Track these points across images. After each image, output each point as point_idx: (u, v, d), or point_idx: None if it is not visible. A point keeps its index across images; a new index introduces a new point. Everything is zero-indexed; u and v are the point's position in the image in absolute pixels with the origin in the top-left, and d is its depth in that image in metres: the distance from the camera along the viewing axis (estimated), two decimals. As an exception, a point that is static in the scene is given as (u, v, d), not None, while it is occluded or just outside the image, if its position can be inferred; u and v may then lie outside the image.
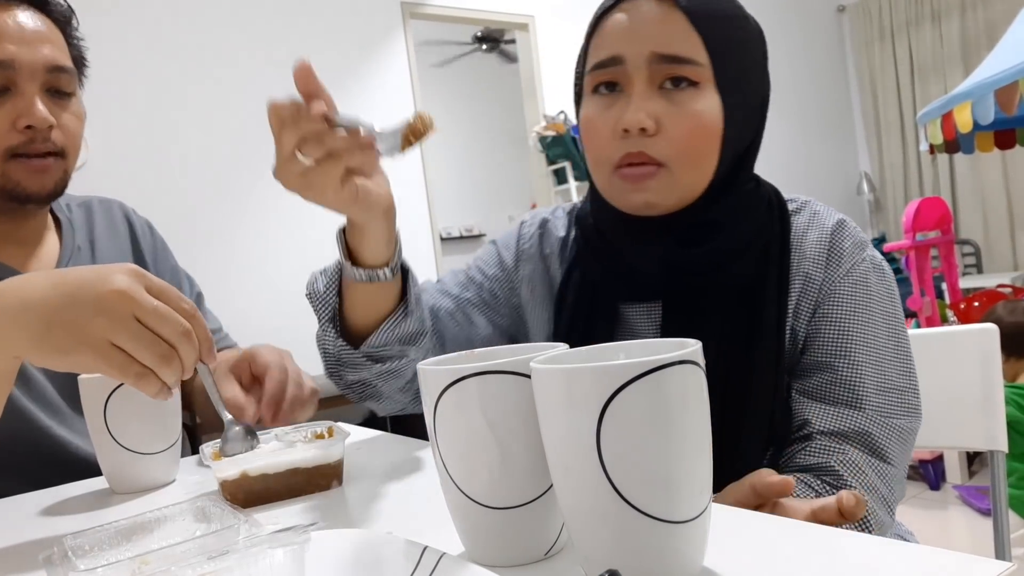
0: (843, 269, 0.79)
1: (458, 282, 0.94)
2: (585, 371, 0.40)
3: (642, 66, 0.76)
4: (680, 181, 0.77)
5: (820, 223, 0.82)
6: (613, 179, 0.79)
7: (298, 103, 0.62)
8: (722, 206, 0.81)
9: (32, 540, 0.67)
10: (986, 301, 3.00)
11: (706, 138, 0.77)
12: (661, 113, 0.75)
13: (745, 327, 0.78)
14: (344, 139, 0.64)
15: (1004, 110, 2.65)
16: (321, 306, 0.78)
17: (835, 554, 0.44)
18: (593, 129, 0.80)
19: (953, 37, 5.39)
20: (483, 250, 0.98)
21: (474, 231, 6.63)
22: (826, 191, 5.64)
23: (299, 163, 0.63)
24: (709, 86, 0.76)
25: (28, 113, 0.92)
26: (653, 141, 0.76)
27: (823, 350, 0.78)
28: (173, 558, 0.41)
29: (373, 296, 0.76)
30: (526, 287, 0.93)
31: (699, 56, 0.75)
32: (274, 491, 0.70)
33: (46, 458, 0.96)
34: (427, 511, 0.62)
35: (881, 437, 0.75)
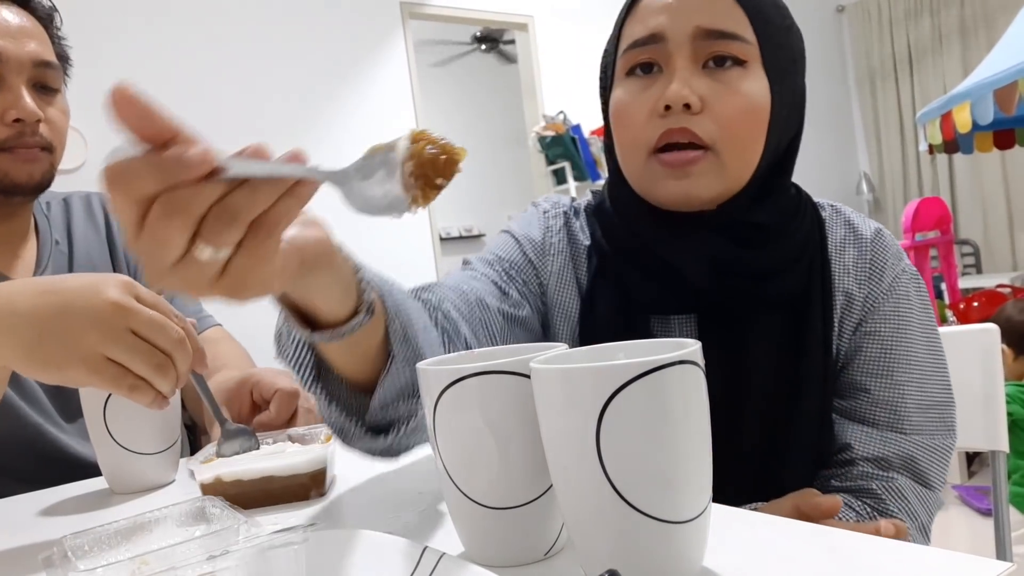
0: (885, 283, 0.76)
1: (476, 271, 0.78)
2: (585, 371, 0.40)
3: (685, 43, 0.70)
4: (727, 168, 0.71)
5: (858, 235, 0.78)
6: (650, 165, 0.72)
7: (163, 159, 0.36)
8: (768, 209, 0.74)
9: (32, 540, 0.67)
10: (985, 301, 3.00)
11: (755, 121, 0.71)
12: (706, 92, 0.69)
13: (791, 344, 0.73)
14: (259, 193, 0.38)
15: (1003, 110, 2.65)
16: (297, 367, 0.58)
17: (835, 554, 0.44)
18: (627, 112, 0.73)
19: (953, 37, 5.39)
20: (497, 242, 0.84)
21: (473, 231, 6.63)
22: (826, 191, 5.62)
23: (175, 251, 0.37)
24: (756, 66, 0.70)
25: (16, 106, 0.93)
26: (697, 120, 0.69)
27: (865, 369, 0.75)
28: (173, 558, 0.41)
29: (348, 351, 0.55)
30: (554, 284, 0.81)
31: (746, 33, 0.70)
32: (249, 497, 0.67)
33: (41, 458, 0.96)
34: (427, 511, 0.62)
35: (924, 461, 0.73)
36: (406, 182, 0.38)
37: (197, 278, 0.39)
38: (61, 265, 1.07)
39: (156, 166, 0.36)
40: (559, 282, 0.81)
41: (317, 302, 0.50)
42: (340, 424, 0.59)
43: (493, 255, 0.80)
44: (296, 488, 0.67)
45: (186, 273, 0.38)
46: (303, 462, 0.67)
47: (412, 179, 0.38)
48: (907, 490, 0.72)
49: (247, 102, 3.27)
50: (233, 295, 0.41)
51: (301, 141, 3.39)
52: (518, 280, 0.79)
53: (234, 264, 0.39)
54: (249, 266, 0.40)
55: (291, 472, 0.67)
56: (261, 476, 0.67)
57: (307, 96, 3.44)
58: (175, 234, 0.37)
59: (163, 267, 0.38)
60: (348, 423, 0.58)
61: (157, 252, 0.37)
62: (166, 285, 0.39)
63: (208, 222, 0.37)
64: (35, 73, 0.96)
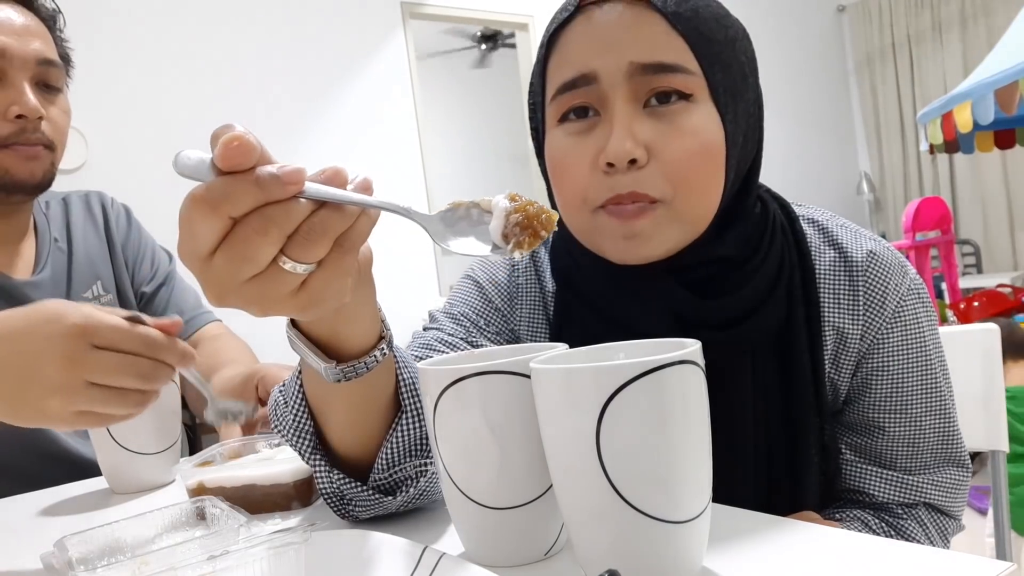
0: (888, 313, 0.68)
1: (454, 332, 0.73)
2: (585, 371, 0.40)
3: (620, 81, 0.61)
4: (682, 219, 0.63)
5: (849, 261, 0.69)
6: (596, 221, 0.64)
7: (267, 171, 0.38)
8: (730, 241, 0.67)
9: (32, 540, 0.67)
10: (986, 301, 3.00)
11: (709, 162, 0.62)
12: (651, 137, 0.61)
13: (778, 378, 0.68)
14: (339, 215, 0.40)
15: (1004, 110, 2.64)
16: (295, 436, 0.56)
17: (835, 554, 0.44)
18: (565, 166, 0.65)
19: (953, 37, 5.39)
20: (460, 290, 0.78)
21: (474, 231, 6.63)
22: (826, 191, 5.64)
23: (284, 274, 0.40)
24: (703, 98, 0.62)
25: (19, 102, 0.93)
26: (646, 175, 0.61)
27: (878, 406, 0.70)
28: (173, 558, 0.41)
29: (360, 400, 0.54)
30: (525, 327, 0.75)
31: (687, 63, 0.61)
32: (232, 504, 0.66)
33: (42, 458, 0.96)
34: (427, 511, 0.62)
35: (945, 499, 0.70)
36: (510, 231, 0.44)
37: (274, 293, 0.40)
38: (60, 263, 1.08)
39: (253, 184, 0.37)
40: (530, 325, 0.75)
41: (350, 326, 0.50)
42: (343, 491, 0.57)
43: (458, 310, 0.75)
44: (277, 497, 0.65)
45: (263, 288, 0.40)
46: (286, 472, 0.65)
47: (517, 228, 0.44)
48: (926, 518, 0.70)
49: (247, 102, 3.26)
50: (306, 308, 0.42)
51: (301, 141, 3.39)
52: (488, 332, 0.74)
53: (314, 278, 0.41)
54: (329, 280, 0.41)
55: (273, 481, 0.65)
56: (243, 484, 0.65)
57: (307, 96, 3.44)
58: (264, 249, 0.38)
59: (238, 283, 0.39)
60: (352, 487, 0.56)
61: (238, 268, 0.38)
62: (234, 301, 0.40)
63: (297, 238, 0.39)
64: (38, 71, 0.97)
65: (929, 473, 0.70)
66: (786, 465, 0.68)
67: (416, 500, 0.59)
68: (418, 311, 3.44)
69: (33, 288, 1.02)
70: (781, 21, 5.40)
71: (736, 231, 0.67)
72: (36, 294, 1.02)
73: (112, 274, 1.13)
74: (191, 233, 0.38)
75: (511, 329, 0.75)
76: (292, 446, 0.57)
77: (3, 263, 1.02)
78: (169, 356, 0.62)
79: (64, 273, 1.07)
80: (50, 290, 1.04)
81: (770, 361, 0.67)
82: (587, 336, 0.65)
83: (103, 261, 1.13)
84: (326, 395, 0.55)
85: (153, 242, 1.22)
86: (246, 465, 0.67)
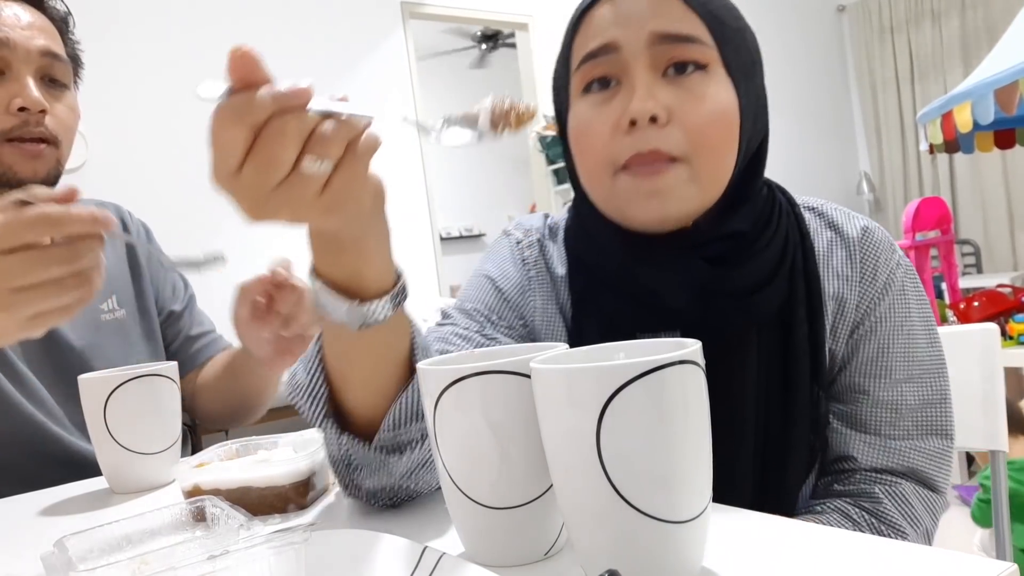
0: (880, 283, 0.73)
1: (466, 326, 0.76)
2: (585, 371, 0.40)
3: (641, 50, 0.66)
4: (701, 180, 0.66)
5: (845, 237, 0.74)
6: (619, 183, 0.67)
7: (274, 92, 0.43)
8: (743, 216, 0.71)
9: (32, 540, 0.67)
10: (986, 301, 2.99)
11: (726, 126, 0.67)
12: (671, 101, 0.65)
13: (780, 351, 0.71)
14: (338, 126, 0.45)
15: (1004, 110, 2.64)
16: (310, 400, 0.59)
17: (835, 554, 0.44)
18: (589, 131, 0.68)
19: (953, 36, 5.39)
20: (472, 285, 0.80)
21: (474, 231, 6.63)
22: (826, 191, 5.64)
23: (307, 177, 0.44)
24: (718, 69, 0.67)
25: (21, 95, 0.93)
26: (666, 133, 0.65)
27: (863, 370, 0.73)
28: (173, 558, 0.41)
29: (373, 360, 0.57)
30: (539, 319, 0.78)
31: (703, 36, 0.66)
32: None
33: (44, 456, 0.96)
34: (427, 511, 0.62)
35: (929, 467, 0.72)
36: (497, 118, 0.51)
37: (300, 196, 0.45)
38: None
39: (270, 96, 0.42)
40: (544, 316, 0.78)
41: (369, 266, 0.53)
42: (350, 455, 0.59)
43: (471, 306, 0.77)
44: (274, 500, 0.65)
45: (290, 192, 0.44)
46: (283, 474, 0.65)
47: (502, 114, 0.51)
48: (911, 495, 0.71)
49: (247, 102, 3.27)
50: (331, 210, 0.47)
51: (301, 141, 3.39)
52: (501, 326, 0.76)
53: (335, 179, 0.45)
54: (347, 181, 0.46)
55: (269, 484, 0.65)
56: (239, 486, 0.65)
57: (307, 96, 3.44)
58: (286, 152, 0.43)
59: (268, 189, 0.44)
60: (359, 448, 0.58)
61: (265, 174, 0.43)
62: (267, 210, 0.45)
63: (313, 141, 0.44)
64: (43, 64, 0.97)
65: (912, 440, 0.72)
66: (780, 435, 0.71)
67: (420, 469, 0.60)
68: (419, 311, 3.44)
69: None
70: (781, 21, 5.39)
71: (748, 208, 0.71)
72: None
73: (132, 291, 1.13)
74: (221, 147, 0.43)
75: (525, 321, 0.78)
76: (305, 410, 0.59)
77: None
78: (77, 227, 0.60)
79: None
80: None
81: (774, 332, 0.70)
82: (603, 316, 0.73)
83: (120, 276, 1.12)
84: (347, 352, 0.56)
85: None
86: (243, 467, 0.66)
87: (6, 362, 0.95)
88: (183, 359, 1.16)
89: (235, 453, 0.73)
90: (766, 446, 0.71)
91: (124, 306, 1.10)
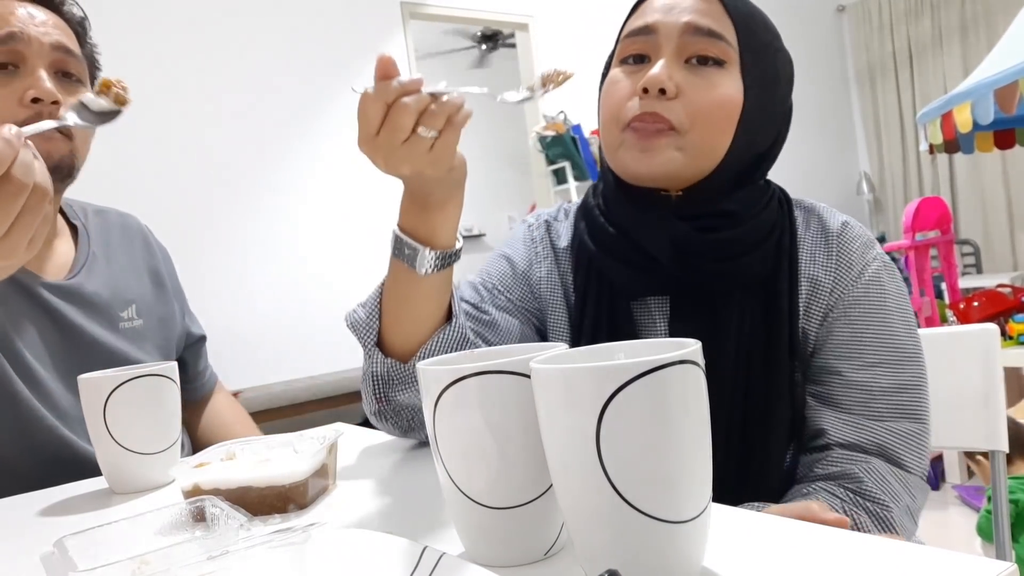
0: (854, 272, 0.80)
1: (474, 297, 0.89)
2: (585, 371, 0.40)
3: (673, 36, 0.77)
4: (688, 150, 0.77)
5: (825, 227, 0.83)
6: (623, 136, 0.79)
7: (402, 80, 0.61)
8: (737, 199, 0.80)
9: (32, 540, 0.67)
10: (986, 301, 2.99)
11: (724, 113, 0.77)
12: (683, 81, 0.76)
13: (761, 321, 0.78)
14: (450, 104, 0.62)
15: (1004, 110, 2.64)
16: (365, 333, 0.76)
17: (835, 554, 0.44)
18: (612, 91, 0.81)
19: (953, 36, 5.39)
20: (490, 262, 0.95)
21: (474, 231, 6.62)
22: (826, 191, 5.64)
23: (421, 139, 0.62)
24: (734, 69, 0.77)
25: (34, 87, 0.94)
26: (670, 105, 0.76)
27: (837, 352, 0.78)
28: (173, 558, 0.41)
29: (425, 303, 0.74)
30: (545, 287, 0.91)
31: (729, 36, 0.77)
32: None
33: (43, 457, 0.96)
34: (427, 511, 0.62)
35: (897, 447, 0.74)
36: (546, 78, 0.69)
37: (416, 152, 0.62)
38: (100, 276, 1.08)
39: (397, 82, 0.60)
40: (548, 284, 0.90)
41: (446, 224, 0.72)
42: (390, 372, 0.75)
43: (481, 280, 0.92)
44: (274, 500, 0.65)
45: (409, 149, 0.62)
46: (282, 474, 0.65)
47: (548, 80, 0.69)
48: (887, 473, 0.73)
49: (248, 101, 3.26)
50: (435, 163, 0.64)
51: (302, 141, 3.40)
52: (502, 299, 0.90)
53: (438, 143, 0.62)
54: (446, 144, 0.63)
55: (269, 483, 0.65)
56: (239, 486, 0.65)
57: (307, 96, 3.44)
58: (407, 120, 0.60)
59: (395, 147, 0.61)
60: (397, 368, 0.74)
61: (393, 135, 0.61)
62: (394, 163, 0.63)
63: (426, 115, 0.61)
64: (56, 58, 0.97)
65: (883, 422, 0.75)
66: (761, 410, 0.76)
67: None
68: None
69: (61, 291, 1.01)
70: (781, 21, 5.32)
71: (743, 193, 0.81)
72: (65, 297, 1.01)
73: (152, 303, 1.15)
74: (365, 118, 0.61)
75: (533, 291, 0.91)
76: (360, 338, 0.77)
77: (32, 262, 1.00)
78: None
79: (104, 287, 1.07)
80: (86, 299, 1.03)
81: (757, 304, 0.79)
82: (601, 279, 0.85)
83: (140, 289, 1.14)
84: (408, 295, 0.73)
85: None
86: (243, 467, 0.66)
87: (22, 363, 0.96)
88: (193, 387, 1.23)
89: (235, 453, 0.73)
90: (747, 423, 0.76)
91: (142, 316, 1.12)
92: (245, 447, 0.73)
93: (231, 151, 3.24)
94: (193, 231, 3.11)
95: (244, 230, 3.29)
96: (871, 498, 0.71)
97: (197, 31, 3.21)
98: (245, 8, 3.34)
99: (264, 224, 3.33)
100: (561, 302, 0.89)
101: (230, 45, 3.29)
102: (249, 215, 3.30)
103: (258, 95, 3.31)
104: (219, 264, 3.18)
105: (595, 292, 0.84)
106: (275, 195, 3.35)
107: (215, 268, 3.14)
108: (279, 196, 3.35)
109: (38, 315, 0.99)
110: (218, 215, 3.24)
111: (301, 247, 3.36)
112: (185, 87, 3.15)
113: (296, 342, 3.23)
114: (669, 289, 0.81)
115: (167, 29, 3.14)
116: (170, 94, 3.11)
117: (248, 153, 3.27)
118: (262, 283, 3.28)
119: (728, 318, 0.78)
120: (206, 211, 3.21)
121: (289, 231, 3.36)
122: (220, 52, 3.26)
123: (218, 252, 3.20)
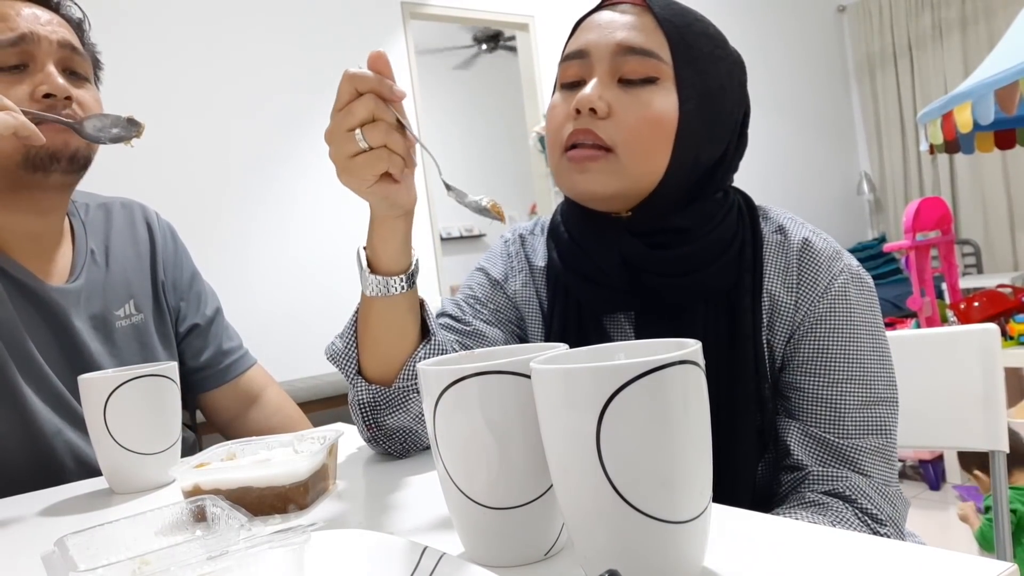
0: (819, 289, 0.78)
1: (456, 311, 0.91)
2: (585, 371, 0.40)
3: (605, 57, 0.77)
4: (626, 169, 0.77)
5: (788, 243, 0.81)
6: (562, 162, 0.80)
7: (381, 78, 0.63)
8: (690, 214, 0.80)
9: (32, 540, 0.67)
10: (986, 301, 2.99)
11: (656, 130, 0.76)
12: (615, 101, 0.76)
13: (725, 334, 0.78)
14: (402, 140, 0.65)
15: (1004, 110, 2.64)
16: (345, 362, 0.78)
17: (835, 554, 0.44)
18: (552, 115, 0.82)
19: (953, 37, 5.39)
20: (470, 277, 0.97)
21: (474, 231, 6.63)
22: (826, 191, 5.64)
23: (355, 144, 0.64)
24: (668, 85, 0.77)
25: (46, 82, 0.95)
26: (603, 124, 0.76)
27: (802, 369, 0.78)
28: (173, 558, 0.41)
29: (394, 324, 0.75)
30: (521, 300, 0.92)
31: (661, 52, 0.77)
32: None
33: (43, 457, 0.96)
34: (427, 511, 0.62)
35: (863, 462, 0.74)
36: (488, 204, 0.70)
37: (342, 148, 0.65)
38: (96, 276, 1.07)
39: (375, 76, 0.64)
40: (524, 298, 0.92)
41: (389, 243, 0.73)
42: (375, 398, 0.76)
43: (463, 295, 0.94)
44: (274, 500, 0.65)
45: (342, 142, 0.65)
46: (282, 474, 0.65)
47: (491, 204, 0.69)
48: (864, 485, 0.73)
49: (248, 100, 3.27)
50: (352, 172, 0.66)
51: (302, 141, 3.39)
52: (483, 312, 0.91)
53: (360, 157, 0.65)
54: (368, 160, 0.65)
55: (269, 483, 0.65)
56: (239, 486, 0.65)
57: (307, 96, 3.44)
58: (361, 112, 0.64)
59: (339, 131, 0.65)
60: (382, 392, 0.76)
61: (343, 120, 0.64)
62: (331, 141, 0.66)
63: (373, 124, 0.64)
64: (63, 55, 0.98)
65: (852, 440, 0.75)
66: (726, 423, 0.75)
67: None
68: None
69: (65, 296, 1.01)
70: (781, 21, 5.39)
71: (696, 208, 0.81)
72: (67, 302, 1.01)
73: (150, 294, 1.13)
74: (338, 94, 0.64)
75: (512, 304, 0.93)
76: (341, 368, 0.78)
77: (39, 268, 1.01)
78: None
79: (99, 287, 1.06)
80: (82, 300, 1.03)
81: (722, 316, 0.79)
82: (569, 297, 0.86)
83: (140, 280, 1.12)
84: (370, 315, 0.75)
85: (196, 268, 1.23)
86: (243, 467, 0.66)
87: (32, 366, 0.96)
88: (214, 372, 1.18)
89: (235, 453, 0.73)
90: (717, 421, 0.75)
91: (142, 310, 1.10)
92: (245, 447, 0.73)
93: (232, 151, 3.25)
94: (193, 231, 3.09)
95: (246, 230, 3.29)
96: (865, 511, 0.72)
97: (196, 30, 3.21)
98: (245, 8, 3.34)
99: (265, 224, 3.33)
100: (536, 314, 0.91)
101: (229, 43, 3.29)
102: (250, 215, 3.30)
103: (258, 94, 3.31)
104: (219, 264, 3.18)
105: (563, 307, 0.86)
106: (277, 195, 3.35)
107: (216, 268, 3.13)
108: (281, 196, 3.35)
109: (45, 319, 0.99)
110: (219, 215, 3.24)
111: (302, 248, 3.36)
112: (184, 85, 3.15)
113: (297, 342, 3.23)
114: (633, 305, 0.82)
115: (167, 28, 3.14)
116: (169, 92, 3.11)
117: (250, 153, 3.28)
118: (263, 283, 3.28)
119: (692, 332, 0.75)
120: (207, 211, 3.21)
121: (290, 231, 3.36)
122: (219, 50, 3.26)
123: (218, 252, 3.20)
